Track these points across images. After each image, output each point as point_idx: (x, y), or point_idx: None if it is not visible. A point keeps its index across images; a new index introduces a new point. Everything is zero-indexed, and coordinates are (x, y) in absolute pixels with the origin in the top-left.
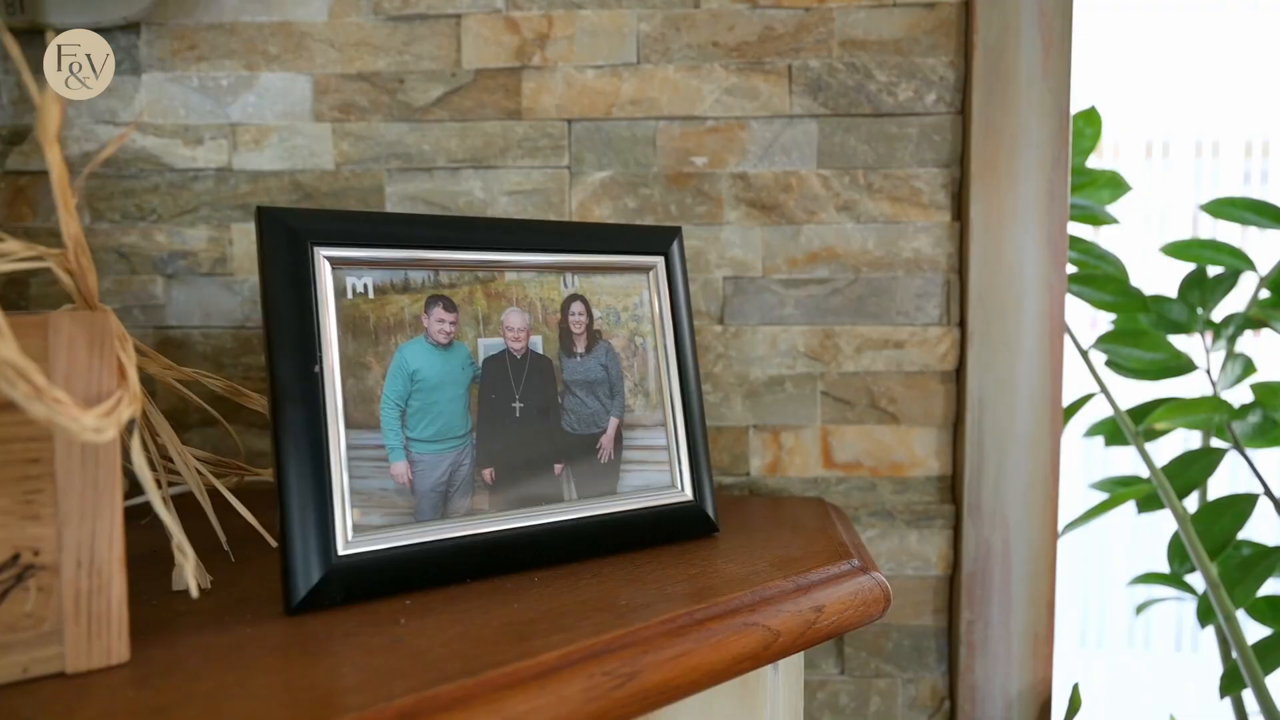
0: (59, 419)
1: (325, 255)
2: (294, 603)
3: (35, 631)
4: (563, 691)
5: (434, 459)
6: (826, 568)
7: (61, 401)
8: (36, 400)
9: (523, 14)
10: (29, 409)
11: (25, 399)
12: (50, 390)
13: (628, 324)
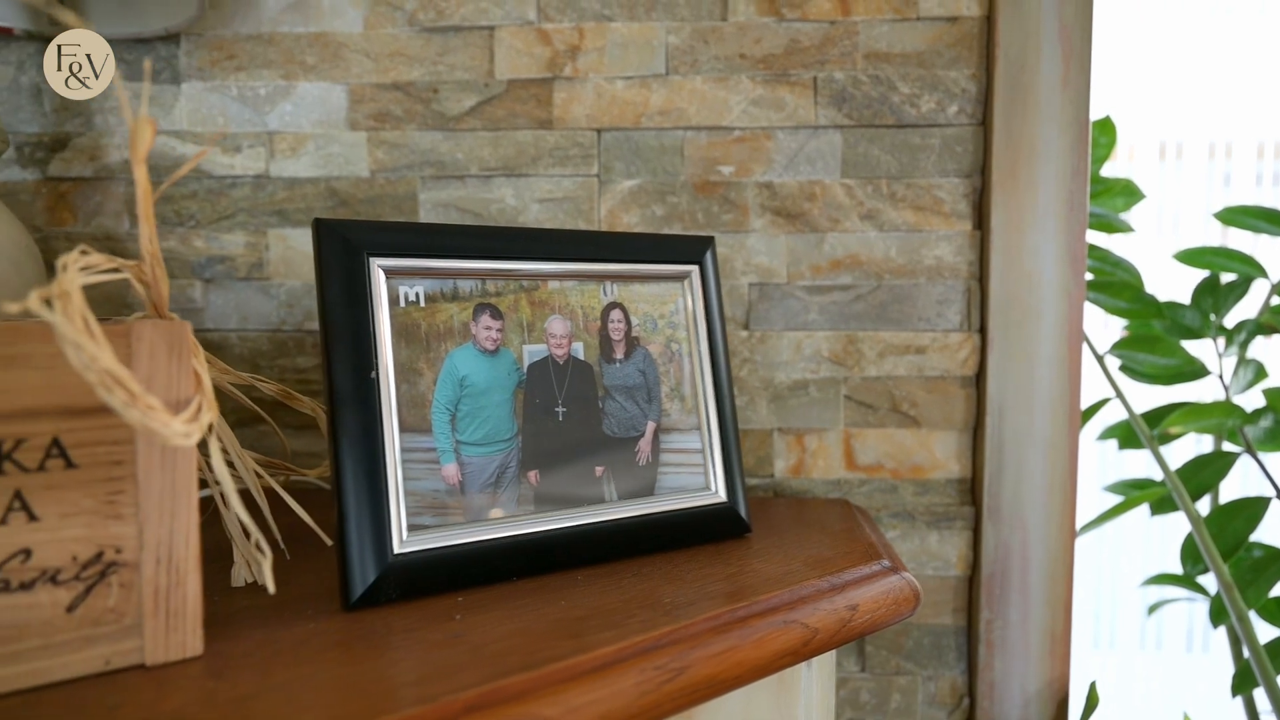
0: (152, 424)
1: (380, 265)
2: (352, 599)
3: (117, 625)
4: (618, 685)
5: (482, 461)
6: (859, 568)
7: (154, 407)
8: (132, 406)
9: (554, 26)
10: (125, 415)
11: (123, 405)
12: (144, 397)
13: (664, 331)
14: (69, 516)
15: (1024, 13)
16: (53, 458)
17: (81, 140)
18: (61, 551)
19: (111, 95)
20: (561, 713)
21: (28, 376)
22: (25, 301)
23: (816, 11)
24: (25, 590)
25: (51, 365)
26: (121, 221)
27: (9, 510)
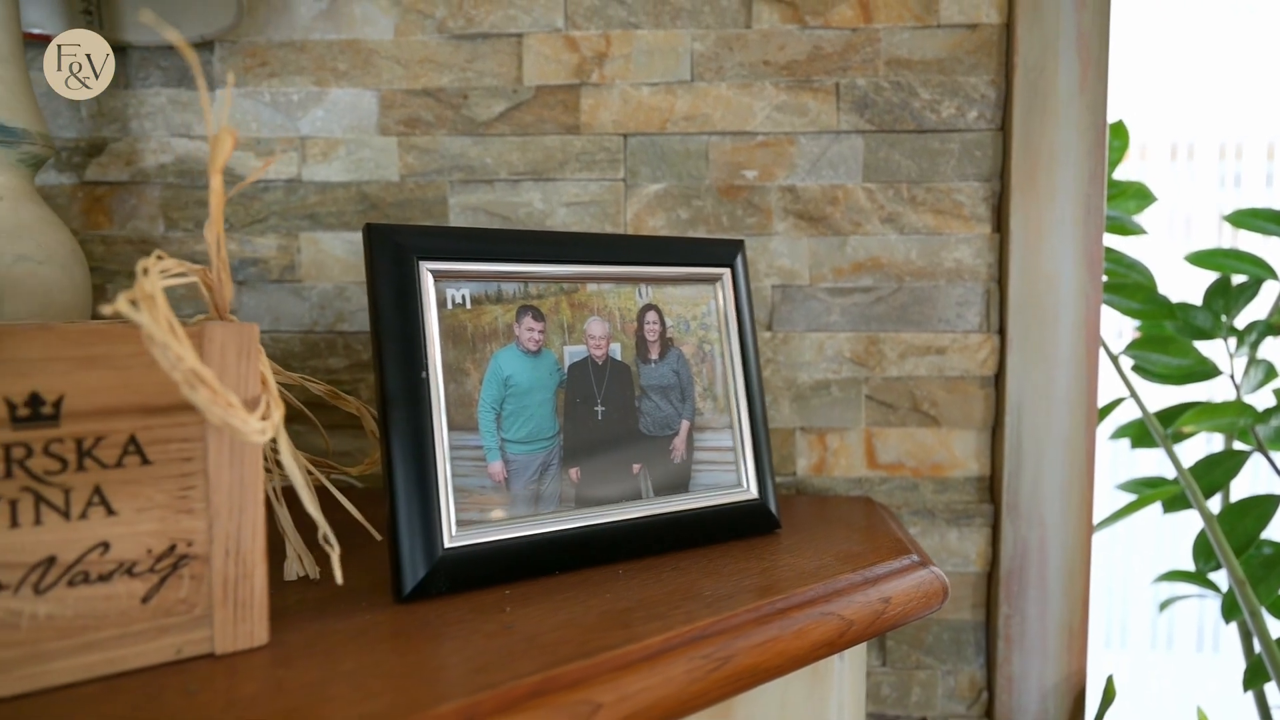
0: (233, 421)
1: (429, 268)
2: (404, 592)
3: (188, 616)
4: (668, 673)
5: (526, 459)
6: (889, 562)
7: (234, 405)
8: (214, 404)
9: (582, 33)
10: (207, 412)
11: (206, 403)
12: (226, 395)
13: (696, 332)
14: (144, 511)
15: (1043, 21)
16: (129, 454)
17: (118, 145)
18: (137, 545)
19: (147, 102)
20: (616, 699)
21: (106, 377)
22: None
23: (839, 19)
24: (104, 582)
25: (128, 366)
26: (156, 225)
27: (89, 505)
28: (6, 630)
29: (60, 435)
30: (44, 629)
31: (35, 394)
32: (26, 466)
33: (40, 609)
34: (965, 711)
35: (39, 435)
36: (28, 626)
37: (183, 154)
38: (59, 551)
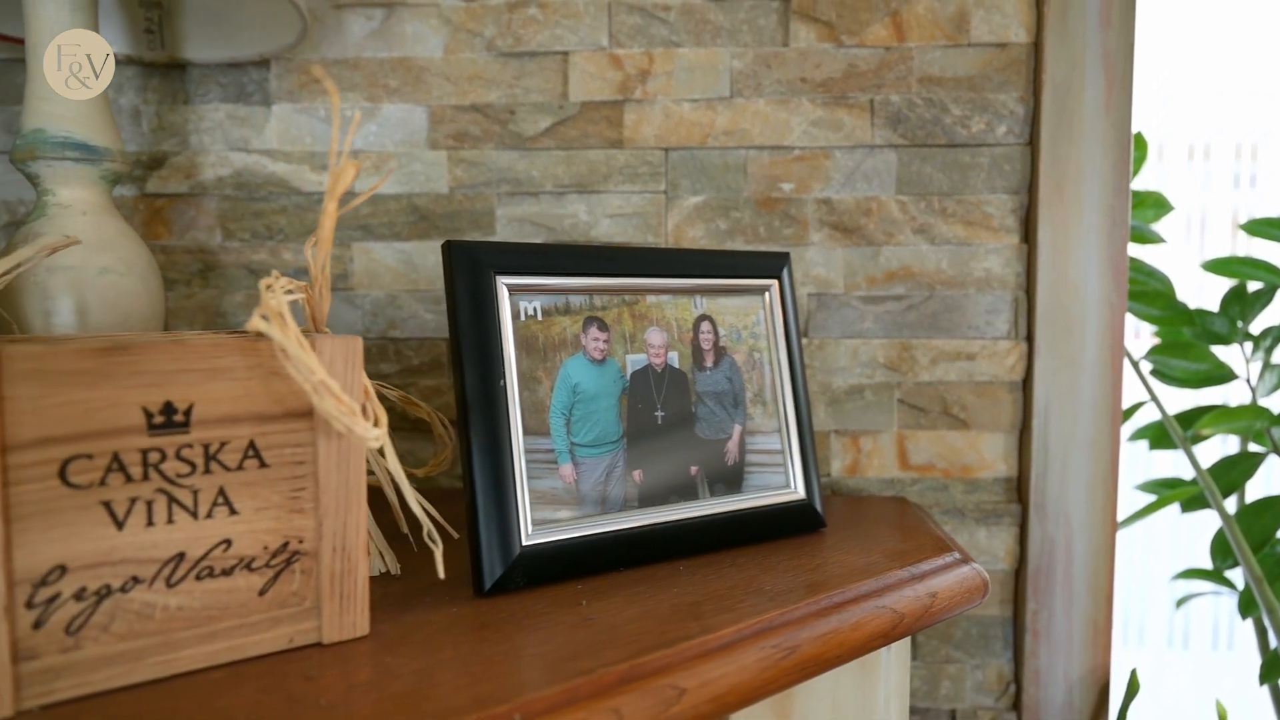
0: (355, 428)
1: (504, 282)
2: (485, 587)
3: (299, 608)
4: (742, 661)
5: (593, 461)
6: (934, 559)
7: (356, 413)
8: (340, 412)
9: (625, 51)
10: (333, 419)
11: (334, 411)
12: (349, 403)
13: (747, 340)
14: (262, 511)
15: (1070, 40)
16: (249, 458)
17: (178, 159)
18: (255, 542)
19: (206, 117)
20: (698, 685)
21: (229, 387)
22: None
23: (873, 38)
24: (226, 576)
25: (248, 376)
26: (214, 235)
27: (214, 505)
28: (142, 620)
29: (190, 441)
30: (174, 619)
31: (169, 403)
32: (161, 470)
33: (171, 601)
34: (993, 704)
35: (172, 441)
36: (160, 617)
37: (240, 167)
38: (188, 548)
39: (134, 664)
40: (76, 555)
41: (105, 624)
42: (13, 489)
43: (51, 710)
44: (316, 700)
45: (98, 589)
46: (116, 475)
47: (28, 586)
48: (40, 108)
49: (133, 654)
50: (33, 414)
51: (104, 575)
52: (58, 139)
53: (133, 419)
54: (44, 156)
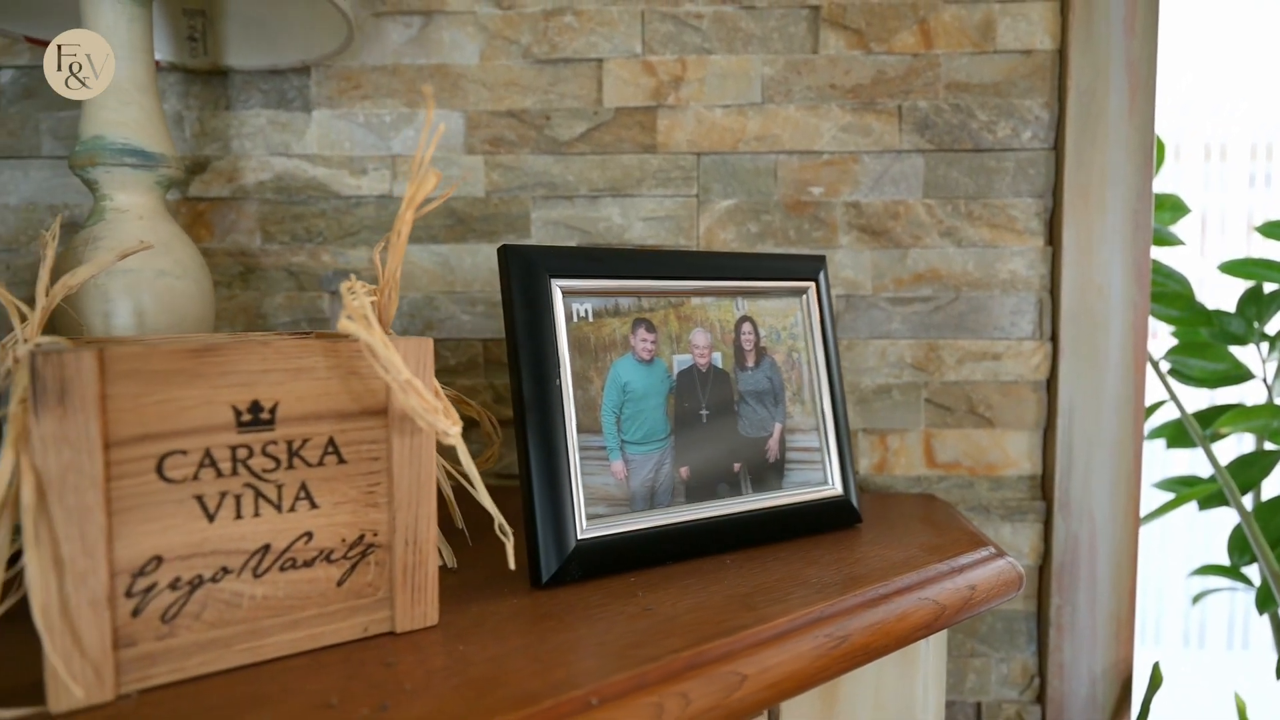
0: (437, 424)
1: (559, 285)
2: (543, 579)
3: (373, 598)
4: (798, 649)
5: (643, 458)
6: (971, 553)
7: (437, 410)
8: (424, 409)
9: (659, 58)
10: (417, 416)
11: (418, 408)
12: (432, 400)
13: (786, 341)
14: (340, 505)
15: (1094, 48)
16: (329, 454)
17: (220, 164)
18: (334, 535)
19: (248, 122)
20: (759, 671)
21: (311, 386)
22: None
23: (901, 45)
24: (307, 567)
25: (329, 376)
26: (254, 238)
27: (297, 499)
28: (231, 609)
29: (275, 438)
30: (260, 608)
31: (256, 401)
32: (248, 465)
33: (258, 591)
34: (1018, 697)
35: (258, 438)
36: (247, 606)
37: (280, 171)
38: (273, 540)
39: (223, 651)
40: (171, 546)
41: (197, 612)
42: (114, 483)
43: (148, 695)
44: (400, 685)
45: (191, 579)
46: (208, 470)
47: (127, 576)
48: (99, 115)
49: (222, 641)
50: (133, 412)
51: (196, 566)
52: (116, 145)
53: (223, 417)
54: (103, 163)
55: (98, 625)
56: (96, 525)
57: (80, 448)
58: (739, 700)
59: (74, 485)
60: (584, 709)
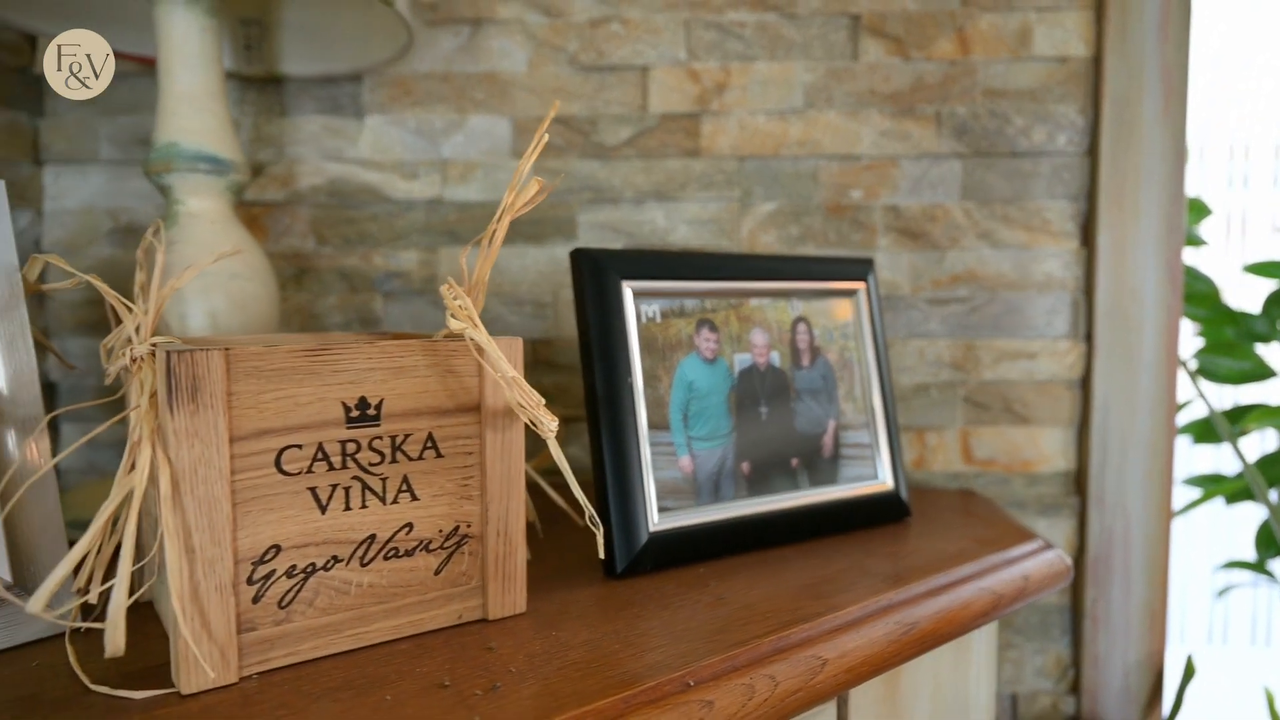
0: (540, 418)
1: (629, 287)
2: (618, 569)
3: (467, 586)
4: (871, 635)
5: (707, 454)
6: (1021, 545)
7: (539, 406)
8: (527, 404)
9: (703, 66)
10: (520, 410)
11: (525, 404)
12: (535, 396)
13: (838, 341)
14: (438, 497)
15: (1129, 54)
16: (428, 449)
17: (276, 168)
18: (432, 526)
19: (302, 129)
20: (837, 656)
21: (412, 384)
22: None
23: (939, 52)
24: (408, 556)
25: (428, 374)
26: (307, 241)
27: (399, 491)
28: (340, 596)
29: (380, 433)
30: (366, 595)
31: (364, 398)
32: (356, 459)
33: (364, 579)
34: (1053, 687)
35: (365, 433)
36: (355, 593)
37: (334, 176)
38: (378, 530)
39: (333, 636)
40: (288, 536)
41: (311, 599)
42: (238, 476)
43: (267, 677)
44: (505, 667)
45: (305, 567)
46: (320, 464)
47: (248, 564)
48: (173, 123)
49: (332, 626)
50: (254, 408)
51: (310, 554)
52: (190, 152)
53: (334, 413)
54: (177, 168)
55: (224, 610)
56: (223, 515)
57: (210, 442)
58: (820, 683)
59: (204, 477)
60: (682, 689)
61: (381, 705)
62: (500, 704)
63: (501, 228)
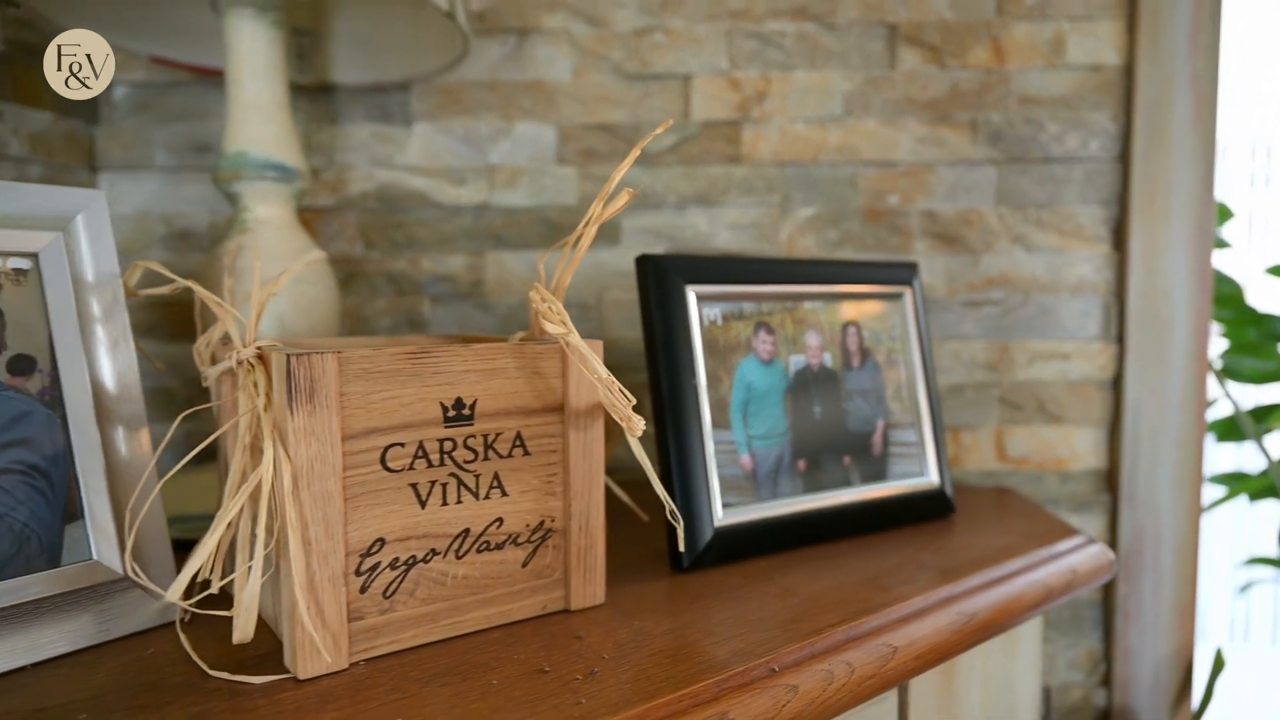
0: (634, 418)
1: (693, 291)
2: (685, 563)
3: (551, 578)
4: (936, 625)
5: (766, 452)
6: (1066, 540)
7: (630, 404)
8: (619, 403)
9: (744, 74)
10: (612, 409)
11: (618, 403)
12: (629, 396)
13: (886, 343)
14: (525, 493)
15: (1160, 63)
16: (516, 447)
17: (326, 175)
18: (520, 520)
19: (352, 136)
20: (906, 644)
21: (502, 385)
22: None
23: (975, 61)
24: (498, 550)
25: (516, 375)
26: (356, 246)
27: (491, 488)
28: (437, 586)
29: (474, 432)
30: (461, 586)
31: (459, 399)
32: (453, 457)
33: (459, 570)
34: (1084, 680)
35: (461, 432)
36: (450, 584)
37: (383, 182)
38: (471, 524)
39: (431, 625)
40: (392, 530)
41: (411, 590)
42: (348, 472)
43: (373, 663)
44: (598, 654)
45: (406, 559)
46: (421, 461)
47: (356, 556)
48: (241, 132)
49: (430, 616)
50: (363, 408)
51: (411, 547)
52: (259, 160)
53: (433, 412)
54: (246, 177)
55: (336, 600)
56: (336, 509)
57: (325, 440)
58: (891, 670)
59: (319, 474)
60: (768, 675)
61: (489, 689)
62: (601, 688)
63: (588, 234)
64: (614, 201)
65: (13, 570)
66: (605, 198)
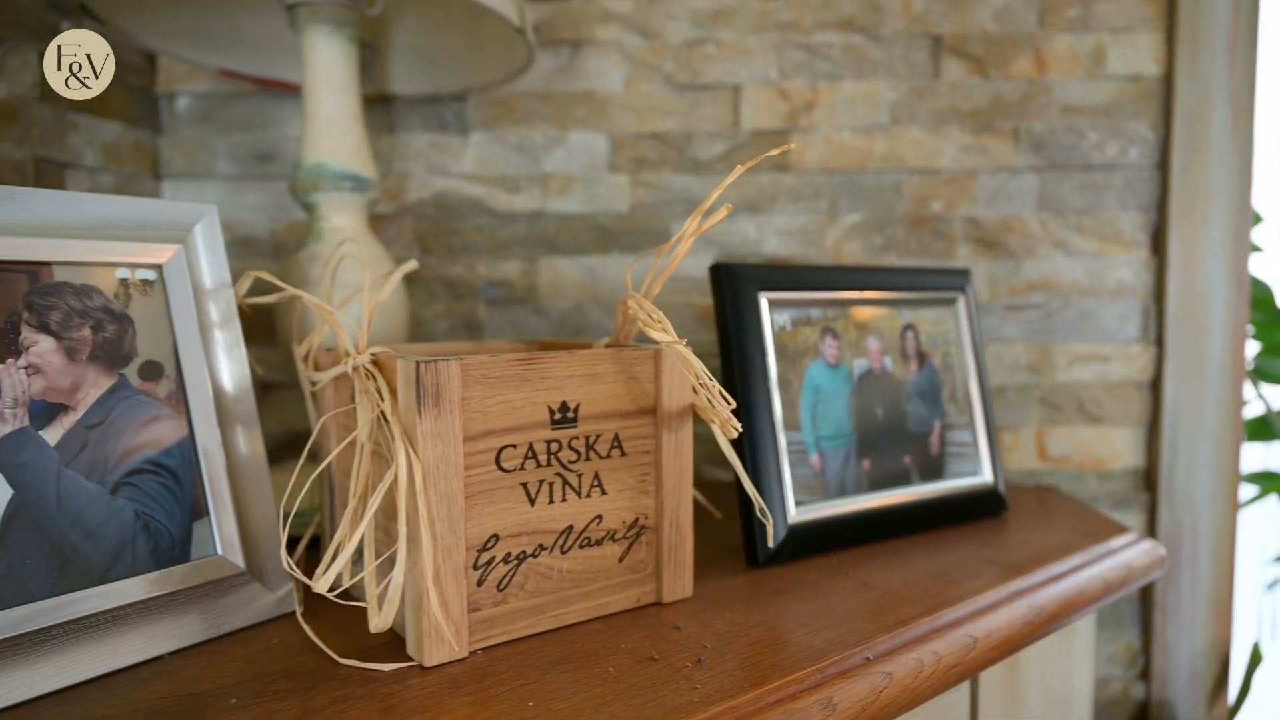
0: (730, 419)
1: (765, 298)
2: (762, 559)
3: (644, 573)
4: (1010, 617)
5: (833, 452)
6: (1119, 537)
7: (726, 405)
8: (716, 403)
9: (792, 85)
10: (714, 411)
11: (717, 405)
12: (728, 398)
13: (941, 346)
14: (622, 492)
15: (1199, 73)
16: (614, 448)
17: (385, 183)
18: (617, 518)
19: (410, 145)
20: (985, 634)
21: (601, 389)
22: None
23: (1017, 71)
24: (598, 545)
25: (614, 380)
26: (413, 252)
27: (591, 487)
28: (544, 580)
29: (578, 434)
30: (565, 580)
31: (564, 402)
32: (558, 457)
33: (564, 565)
34: (1123, 674)
35: (565, 434)
36: (556, 578)
37: (440, 190)
38: (574, 522)
39: (539, 616)
40: (505, 526)
41: (522, 583)
42: (468, 472)
43: (489, 652)
44: (700, 644)
45: (518, 554)
46: (530, 461)
47: (474, 551)
48: (319, 144)
49: (538, 608)
50: (480, 412)
51: (522, 543)
52: (336, 171)
53: (541, 415)
54: (324, 188)
55: (458, 591)
56: (458, 507)
57: (449, 441)
58: (972, 659)
59: (444, 473)
60: (863, 663)
61: (606, 676)
62: (710, 674)
63: (683, 246)
64: (712, 216)
65: (152, 565)
66: (701, 212)
